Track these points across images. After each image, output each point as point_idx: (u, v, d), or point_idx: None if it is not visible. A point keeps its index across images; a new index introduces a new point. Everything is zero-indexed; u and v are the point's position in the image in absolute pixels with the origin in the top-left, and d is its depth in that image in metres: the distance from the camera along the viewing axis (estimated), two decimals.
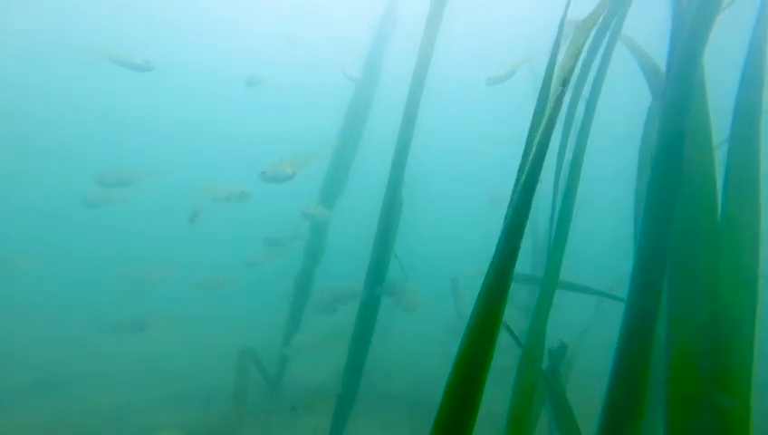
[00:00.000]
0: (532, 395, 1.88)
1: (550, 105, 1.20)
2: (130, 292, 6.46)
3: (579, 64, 2.37)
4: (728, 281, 1.54)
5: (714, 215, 1.64)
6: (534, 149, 1.17)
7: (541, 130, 1.16)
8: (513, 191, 1.43)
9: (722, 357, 1.48)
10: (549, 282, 2.00)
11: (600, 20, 2.20)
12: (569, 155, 2.42)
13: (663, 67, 2.56)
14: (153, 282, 6.20)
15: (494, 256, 1.21)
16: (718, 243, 1.59)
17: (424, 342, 6.72)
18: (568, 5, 1.55)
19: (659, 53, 2.67)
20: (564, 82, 1.25)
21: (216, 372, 6.50)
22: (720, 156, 2.06)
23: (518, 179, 1.21)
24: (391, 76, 5.83)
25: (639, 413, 1.35)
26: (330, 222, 5.50)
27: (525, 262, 4.91)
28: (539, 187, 1.32)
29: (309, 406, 5.90)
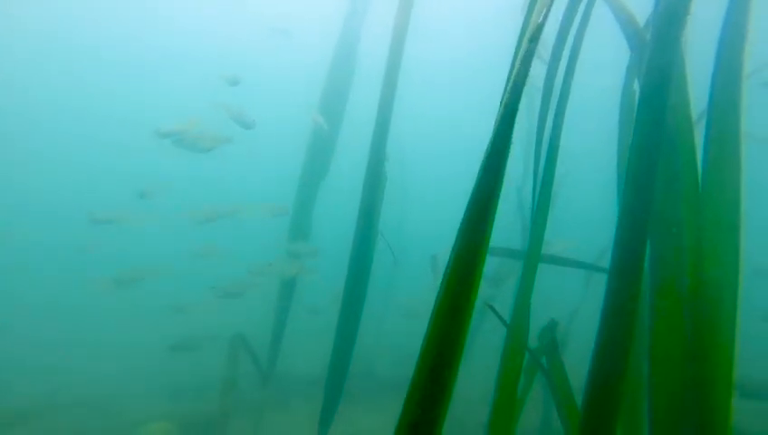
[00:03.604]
0: (518, 377, 1.82)
1: (516, 66, 1.09)
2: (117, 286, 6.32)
3: (555, 25, 2.26)
4: (710, 239, 1.47)
5: (695, 176, 1.56)
6: (506, 99, 1.06)
7: (509, 87, 1.05)
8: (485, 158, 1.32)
9: (706, 324, 1.42)
10: (533, 253, 1.92)
11: None
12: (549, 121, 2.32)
13: (640, 20, 2.46)
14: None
15: (463, 220, 1.09)
16: (700, 204, 1.52)
17: (410, 321, 6.73)
18: None
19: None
20: (532, 38, 1.14)
21: (207, 362, 6.42)
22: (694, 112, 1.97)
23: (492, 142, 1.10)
24: (369, 48, 5.66)
25: (621, 390, 1.29)
26: (315, 205, 5.39)
27: (515, 241, 4.85)
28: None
29: (302, 394, 5.88)
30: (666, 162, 1.56)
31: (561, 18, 2.44)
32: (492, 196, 1.10)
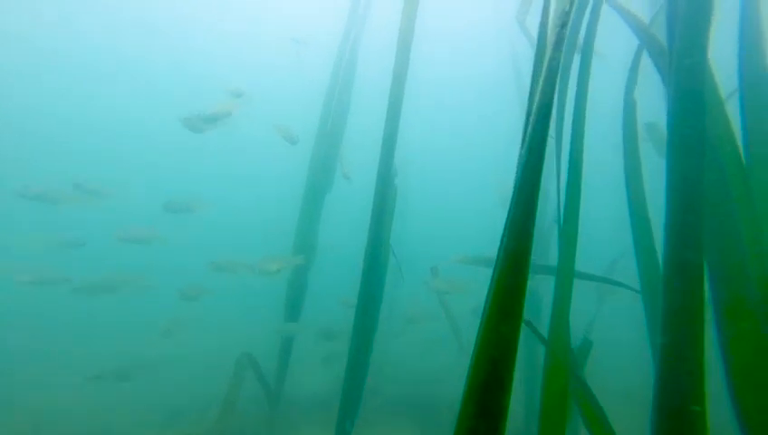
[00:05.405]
0: (565, 395, 1.71)
1: (548, 52, 1.02)
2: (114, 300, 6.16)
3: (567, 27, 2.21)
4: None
5: (740, 169, 1.48)
6: (539, 97, 0.99)
7: (543, 75, 0.98)
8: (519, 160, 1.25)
9: None
10: (565, 269, 1.83)
11: None
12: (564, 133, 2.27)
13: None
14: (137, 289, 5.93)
15: (503, 241, 1.03)
16: (750, 191, 1.44)
17: (418, 335, 6.58)
18: None
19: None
20: (563, 25, 1.07)
21: (210, 382, 6.18)
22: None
23: (524, 139, 1.03)
24: (374, 62, 5.65)
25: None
26: (322, 219, 5.32)
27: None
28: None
29: (311, 415, 5.70)
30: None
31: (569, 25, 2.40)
32: (535, 184, 1.06)
